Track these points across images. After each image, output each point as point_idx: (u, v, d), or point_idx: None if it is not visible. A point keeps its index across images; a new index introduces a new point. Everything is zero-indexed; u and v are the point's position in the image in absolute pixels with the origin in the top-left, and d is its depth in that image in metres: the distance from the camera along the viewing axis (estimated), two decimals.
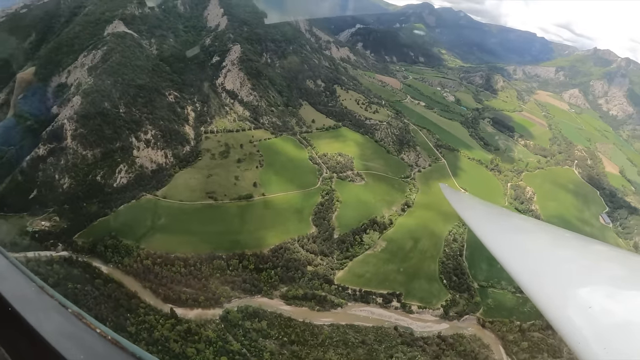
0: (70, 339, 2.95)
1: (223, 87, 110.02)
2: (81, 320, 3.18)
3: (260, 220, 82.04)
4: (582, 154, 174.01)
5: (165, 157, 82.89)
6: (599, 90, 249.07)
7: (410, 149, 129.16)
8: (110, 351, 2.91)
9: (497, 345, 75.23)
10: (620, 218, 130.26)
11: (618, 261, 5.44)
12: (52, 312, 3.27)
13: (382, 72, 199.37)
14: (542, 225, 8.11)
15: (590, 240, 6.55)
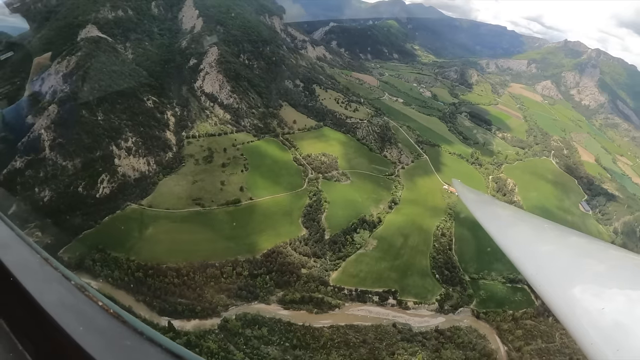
0: (70, 310, 3.04)
1: (202, 91, 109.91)
2: (83, 293, 3.25)
3: (250, 225, 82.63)
4: (558, 144, 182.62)
5: (148, 164, 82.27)
6: (570, 81, 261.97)
7: (392, 146, 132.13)
8: (111, 324, 2.99)
9: (492, 335, 78.79)
10: (599, 205, 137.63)
11: (633, 265, 5.59)
12: (54, 283, 3.35)
13: (358, 70, 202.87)
14: (555, 226, 8.23)
15: (602, 243, 6.95)
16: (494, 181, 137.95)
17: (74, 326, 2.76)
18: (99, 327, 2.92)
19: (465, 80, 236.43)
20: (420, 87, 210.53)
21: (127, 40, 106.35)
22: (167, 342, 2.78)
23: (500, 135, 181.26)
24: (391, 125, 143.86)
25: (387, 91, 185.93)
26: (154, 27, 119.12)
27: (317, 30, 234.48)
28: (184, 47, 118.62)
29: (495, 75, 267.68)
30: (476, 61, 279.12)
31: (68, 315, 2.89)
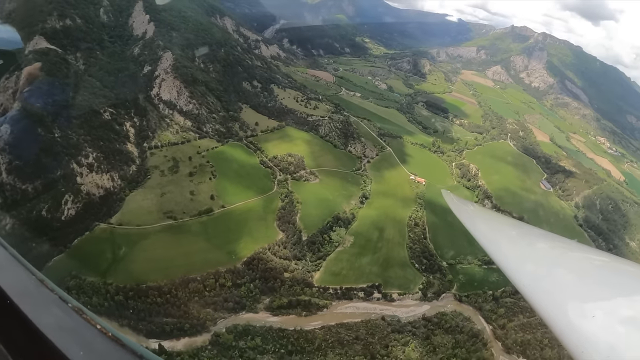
0: (69, 334, 3.08)
1: (159, 98, 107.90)
2: (81, 316, 3.28)
3: (226, 234, 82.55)
4: (514, 127, 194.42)
5: (112, 180, 79.85)
6: (519, 64, 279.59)
7: (356, 141, 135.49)
8: (110, 348, 3.02)
9: (476, 316, 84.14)
10: (559, 182, 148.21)
11: (625, 272, 5.76)
12: (51, 306, 3.37)
13: (313, 67, 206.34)
14: (543, 233, 8.50)
15: (595, 251, 7.22)
16: (457, 167, 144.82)
17: (74, 350, 2.83)
18: (98, 351, 3.01)
19: (418, 70, 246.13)
20: (375, 80, 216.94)
21: (78, 50, 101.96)
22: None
23: (458, 122, 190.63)
24: (352, 120, 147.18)
25: (343, 86, 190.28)
26: (104, 35, 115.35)
27: (267, 28, 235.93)
28: (137, 54, 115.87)
29: (447, 64, 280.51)
30: (427, 51, 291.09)
31: (67, 339, 2.96)
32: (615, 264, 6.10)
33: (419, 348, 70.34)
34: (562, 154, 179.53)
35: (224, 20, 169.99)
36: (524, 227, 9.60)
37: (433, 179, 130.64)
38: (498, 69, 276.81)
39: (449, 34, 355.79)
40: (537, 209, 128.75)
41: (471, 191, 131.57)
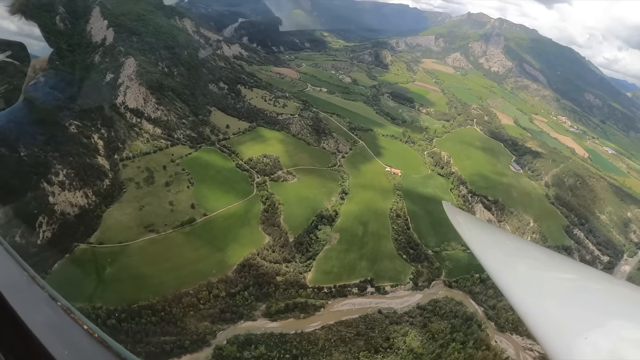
0: (56, 333, 3.16)
1: (126, 107, 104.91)
2: (69, 315, 3.36)
3: (212, 243, 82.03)
4: (478, 112, 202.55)
5: (86, 197, 77.24)
6: (478, 50, 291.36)
7: (328, 137, 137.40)
8: (95, 349, 3.10)
9: (467, 299, 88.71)
10: (527, 163, 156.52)
11: (618, 293, 5.88)
12: (41, 303, 3.47)
13: (276, 64, 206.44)
14: (541, 250, 8.63)
15: (589, 269, 7.31)
16: (429, 156, 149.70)
17: (59, 349, 2.90)
18: (83, 351, 3.08)
19: (380, 62, 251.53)
20: (339, 74, 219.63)
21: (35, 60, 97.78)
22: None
23: (425, 111, 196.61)
24: (322, 116, 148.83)
25: (308, 82, 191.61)
26: (62, 44, 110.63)
27: (226, 27, 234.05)
28: (98, 62, 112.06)
29: (407, 53, 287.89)
30: (386, 41, 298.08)
31: (53, 337, 3.03)
32: (612, 285, 6.22)
33: (418, 337, 73.30)
34: (527, 136, 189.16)
35: (184, 21, 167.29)
36: (521, 242, 10.17)
37: (408, 169, 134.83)
38: (457, 55, 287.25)
39: (406, 23, 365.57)
40: (510, 190, 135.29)
41: (445, 178, 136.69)
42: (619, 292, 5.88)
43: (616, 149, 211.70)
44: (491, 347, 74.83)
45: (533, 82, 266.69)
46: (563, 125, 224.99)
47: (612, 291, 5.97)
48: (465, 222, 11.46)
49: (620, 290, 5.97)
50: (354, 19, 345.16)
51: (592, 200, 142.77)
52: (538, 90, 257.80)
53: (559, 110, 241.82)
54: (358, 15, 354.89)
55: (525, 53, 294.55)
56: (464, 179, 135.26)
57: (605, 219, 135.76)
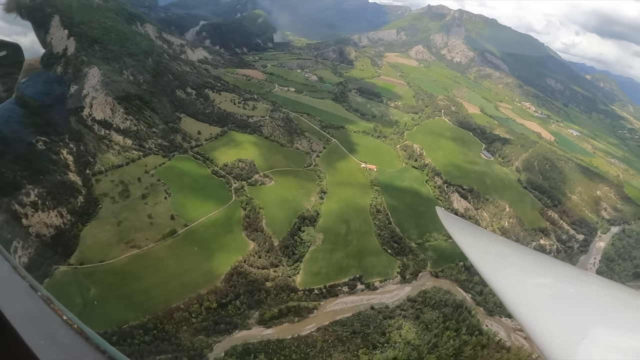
0: (34, 322, 3.22)
1: (93, 119, 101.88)
2: (49, 305, 3.46)
3: (197, 254, 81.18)
4: (445, 103, 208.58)
5: (61, 216, 74.56)
6: (439, 42, 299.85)
7: (301, 137, 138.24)
8: (73, 339, 3.16)
9: (455, 287, 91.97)
10: (497, 150, 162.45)
11: (616, 298, 6.02)
12: (21, 293, 3.56)
13: (241, 66, 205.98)
14: (536, 254, 8.89)
15: (584, 272, 7.58)
16: (402, 149, 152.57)
17: (35, 339, 2.94)
18: (60, 342, 3.11)
19: (345, 58, 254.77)
20: (305, 72, 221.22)
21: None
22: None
23: (393, 105, 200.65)
24: (292, 116, 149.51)
25: (275, 82, 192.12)
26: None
27: (188, 31, 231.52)
28: (61, 74, 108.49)
29: (370, 48, 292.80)
30: (349, 37, 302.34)
31: (31, 328, 3.07)
32: (608, 290, 6.36)
33: (412, 328, 75.23)
34: (494, 123, 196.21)
35: (146, 27, 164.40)
36: (515, 246, 10.22)
37: (383, 164, 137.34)
38: (420, 48, 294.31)
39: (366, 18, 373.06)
40: (484, 178, 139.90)
41: (420, 170, 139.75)
42: (615, 296, 6.01)
43: (580, 131, 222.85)
44: (483, 332, 77.68)
45: (495, 70, 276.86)
46: (528, 111, 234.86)
47: (607, 295, 6.15)
48: (459, 227, 11.75)
49: (615, 294, 6.09)
50: (314, 16, 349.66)
51: (562, 182, 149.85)
52: (501, 78, 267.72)
53: (522, 97, 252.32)
54: (318, 12, 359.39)
55: (486, 42, 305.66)
56: (438, 169, 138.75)
57: (576, 199, 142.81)
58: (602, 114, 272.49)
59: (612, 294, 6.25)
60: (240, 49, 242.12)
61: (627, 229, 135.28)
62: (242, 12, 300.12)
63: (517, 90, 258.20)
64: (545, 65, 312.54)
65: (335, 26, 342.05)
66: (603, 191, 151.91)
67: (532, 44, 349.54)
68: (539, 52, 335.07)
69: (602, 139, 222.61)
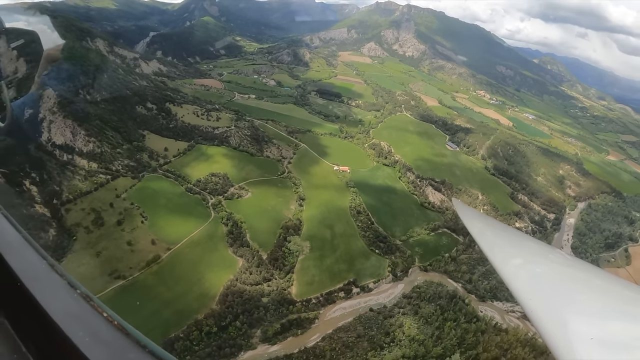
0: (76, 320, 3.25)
1: (53, 144, 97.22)
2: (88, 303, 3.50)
3: (185, 278, 79.75)
4: (404, 98, 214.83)
5: None
6: (390, 38, 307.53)
7: (269, 145, 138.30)
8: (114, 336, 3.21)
9: (445, 279, 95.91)
10: (461, 140, 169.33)
11: (629, 296, 6.07)
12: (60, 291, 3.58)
13: (197, 76, 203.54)
14: (552, 250, 8.90)
15: (598, 270, 7.43)
16: (370, 148, 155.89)
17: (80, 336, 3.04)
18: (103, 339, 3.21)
19: (300, 60, 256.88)
20: (262, 78, 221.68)
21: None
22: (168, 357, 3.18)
23: (354, 104, 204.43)
24: (257, 124, 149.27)
25: (234, 90, 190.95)
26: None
27: (137, 44, 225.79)
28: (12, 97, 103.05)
29: (323, 49, 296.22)
30: (300, 39, 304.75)
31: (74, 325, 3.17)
32: (625, 291, 6.27)
33: (414, 324, 77.93)
34: (454, 114, 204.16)
35: (96, 42, 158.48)
36: (531, 240, 10.23)
37: (354, 165, 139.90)
38: (372, 45, 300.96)
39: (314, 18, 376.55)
40: (453, 169, 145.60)
41: (391, 167, 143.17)
42: (634, 299, 5.95)
43: (535, 114, 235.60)
44: (480, 318, 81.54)
45: (447, 61, 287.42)
46: (483, 99, 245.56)
47: (624, 294, 6.15)
48: (475, 220, 11.84)
49: (635, 297, 6.02)
50: (262, 20, 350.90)
51: (526, 165, 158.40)
52: (454, 69, 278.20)
53: (476, 85, 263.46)
54: (266, 15, 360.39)
55: (436, 35, 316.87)
56: (409, 165, 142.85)
57: (542, 180, 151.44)
58: (553, 96, 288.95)
59: (622, 292, 6.26)
60: (193, 58, 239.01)
61: (592, 203, 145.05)
62: (191, 20, 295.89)
63: (471, 79, 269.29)
64: (494, 53, 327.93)
65: (285, 28, 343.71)
66: (565, 170, 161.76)
67: (479, 33, 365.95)
68: (486, 41, 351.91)
69: (556, 120, 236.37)
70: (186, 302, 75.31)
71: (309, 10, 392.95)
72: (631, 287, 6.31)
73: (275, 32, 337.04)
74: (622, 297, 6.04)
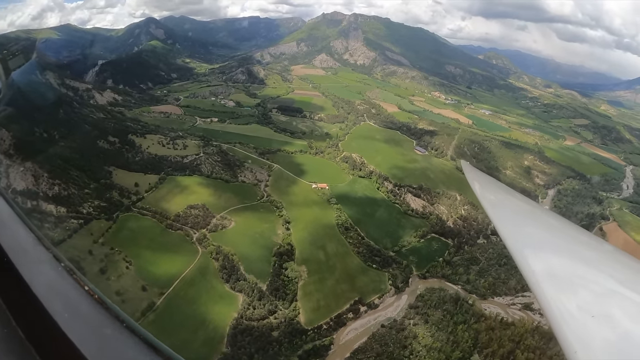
0: (58, 295, 3.44)
1: (14, 190, 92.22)
2: (72, 276, 3.69)
3: (187, 323, 77.41)
4: (364, 107, 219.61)
5: None
6: (340, 48, 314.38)
7: (243, 169, 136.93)
8: (94, 310, 3.35)
9: (444, 283, 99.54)
10: (428, 143, 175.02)
11: (628, 264, 5.97)
12: (45, 265, 3.77)
13: (153, 103, 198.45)
14: (562, 221, 8.59)
15: (609, 247, 7.29)
16: (344, 161, 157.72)
17: (60, 312, 3.17)
18: (83, 313, 3.38)
19: (255, 78, 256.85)
20: (220, 99, 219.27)
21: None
22: (145, 334, 3.26)
23: (317, 118, 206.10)
24: (225, 149, 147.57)
25: (195, 115, 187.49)
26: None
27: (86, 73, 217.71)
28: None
29: (275, 64, 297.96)
30: (250, 56, 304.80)
31: (56, 300, 3.33)
32: (627, 261, 6.15)
33: (427, 333, 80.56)
34: (415, 118, 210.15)
35: (46, 75, 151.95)
36: (534, 205, 10.34)
37: (332, 181, 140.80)
38: (323, 56, 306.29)
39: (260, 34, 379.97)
40: (427, 173, 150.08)
41: (368, 179, 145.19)
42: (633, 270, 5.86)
43: (490, 109, 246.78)
44: (487, 316, 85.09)
45: (399, 66, 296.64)
46: (439, 100, 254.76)
47: (626, 268, 6.01)
48: (482, 183, 11.66)
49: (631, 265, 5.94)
50: (209, 39, 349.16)
51: (493, 160, 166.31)
52: (406, 73, 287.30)
53: (430, 87, 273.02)
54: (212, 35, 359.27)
55: (384, 41, 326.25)
56: (384, 174, 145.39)
57: (511, 173, 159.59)
58: (503, 89, 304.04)
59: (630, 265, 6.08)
60: (146, 85, 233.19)
61: (561, 189, 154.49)
62: (138, 44, 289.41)
63: (424, 82, 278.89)
64: (441, 54, 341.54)
65: (232, 47, 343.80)
66: (529, 160, 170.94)
67: (425, 35, 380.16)
68: (432, 42, 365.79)
69: (511, 113, 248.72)
70: (194, 350, 73.31)
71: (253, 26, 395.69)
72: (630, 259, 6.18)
73: (224, 50, 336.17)
74: (631, 275, 5.89)
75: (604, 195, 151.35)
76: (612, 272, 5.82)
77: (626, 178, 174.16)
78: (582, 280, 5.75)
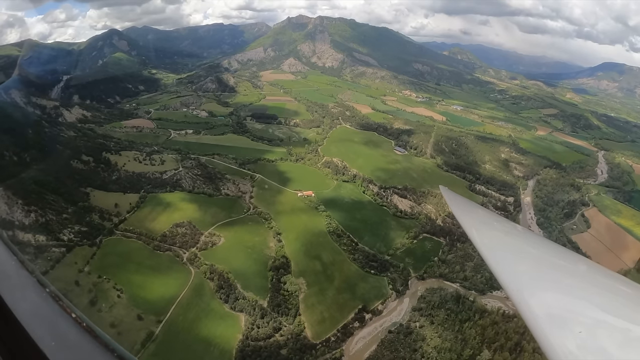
0: (44, 322, 3.27)
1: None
2: (57, 303, 3.55)
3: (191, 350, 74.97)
4: (338, 109, 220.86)
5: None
6: (307, 51, 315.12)
7: (224, 181, 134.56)
8: (82, 339, 3.23)
9: (442, 282, 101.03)
10: (406, 142, 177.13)
11: (614, 287, 6.20)
12: (29, 290, 3.61)
13: (124, 118, 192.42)
14: (537, 238, 8.87)
15: (583, 259, 7.81)
16: (326, 167, 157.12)
17: (46, 340, 3.05)
18: (70, 342, 3.25)
19: (225, 86, 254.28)
20: (192, 110, 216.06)
21: None
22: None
23: (293, 123, 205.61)
24: (204, 161, 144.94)
25: (168, 128, 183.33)
26: None
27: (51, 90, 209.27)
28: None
29: (244, 71, 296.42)
30: (218, 64, 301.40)
31: (41, 328, 3.18)
32: (611, 281, 6.40)
33: (434, 334, 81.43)
34: (389, 118, 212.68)
35: (11, 93, 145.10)
36: (512, 226, 10.75)
37: (317, 187, 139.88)
38: (291, 61, 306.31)
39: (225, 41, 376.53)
40: (410, 173, 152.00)
41: (352, 183, 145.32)
42: (623, 292, 6.01)
43: (461, 104, 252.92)
44: (489, 311, 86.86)
45: (367, 67, 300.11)
46: (411, 98, 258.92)
47: (616, 290, 6.19)
48: (461, 207, 12.00)
49: (624, 291, 6.04)
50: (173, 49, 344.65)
51: (472, 156, 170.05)
52: (375, 73, 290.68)
53: (400, 86, 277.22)
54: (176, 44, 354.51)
55: (351, 42, 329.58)
56: (368, 177, 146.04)
57: (490, 167, 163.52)
58: (471, 84, 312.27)
59: (606, 282, 6.43)
60: (113, 99, 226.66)
61: (539, 179, 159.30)
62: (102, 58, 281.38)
63: (394, 81, 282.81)
64: (407, 52, 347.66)
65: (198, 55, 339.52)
66: (505, 153, 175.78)
67: (390, 35, 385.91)
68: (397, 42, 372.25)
69: (481, 107, 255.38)
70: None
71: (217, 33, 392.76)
72: (624, 281, 6.26)
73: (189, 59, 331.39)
74: (615, 292, 6.14)
75: (581, 182, 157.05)
76: (600, 300, 5.82)
77: (599, 163, 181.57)
78: (564, 294, 5.91)
